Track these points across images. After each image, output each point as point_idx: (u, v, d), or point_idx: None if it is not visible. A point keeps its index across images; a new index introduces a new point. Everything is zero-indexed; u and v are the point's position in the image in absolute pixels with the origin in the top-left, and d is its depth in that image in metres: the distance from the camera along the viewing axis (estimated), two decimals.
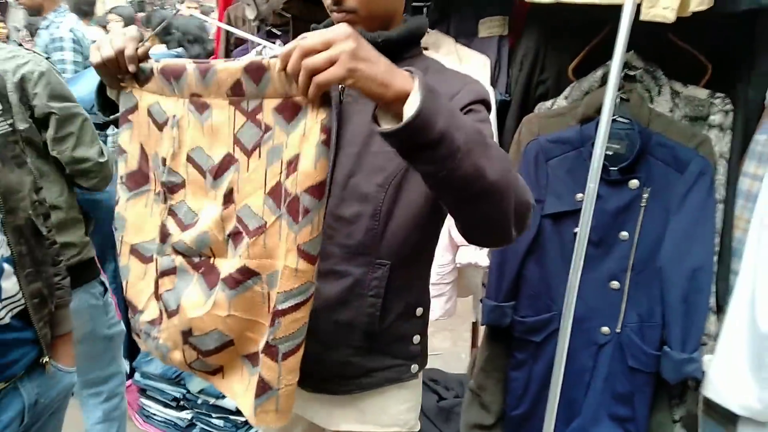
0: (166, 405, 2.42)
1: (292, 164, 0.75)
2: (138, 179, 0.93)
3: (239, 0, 2.15)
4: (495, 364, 1.80)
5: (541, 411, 1.70)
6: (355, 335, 1.04)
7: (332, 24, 1.00)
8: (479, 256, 1.74)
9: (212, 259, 0.87)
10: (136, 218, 0.93)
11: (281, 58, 0.71)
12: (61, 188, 1.64)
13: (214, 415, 2.30)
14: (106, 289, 1.84)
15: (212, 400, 2.28)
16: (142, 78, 0.88)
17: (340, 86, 0.96)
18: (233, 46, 2.24)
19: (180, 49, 2.85)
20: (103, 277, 1.84)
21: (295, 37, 1.14)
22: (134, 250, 0.94)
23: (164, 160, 0.87)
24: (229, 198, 0.83)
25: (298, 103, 0.74)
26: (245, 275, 0.81)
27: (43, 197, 1.23)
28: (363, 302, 1.02)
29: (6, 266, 1.09)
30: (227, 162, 0.82)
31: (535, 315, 1.66)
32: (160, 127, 0.88)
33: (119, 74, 0.90)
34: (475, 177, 0.72)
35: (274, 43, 2.08)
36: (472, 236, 0.87)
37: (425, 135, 0.68)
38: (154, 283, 0.92)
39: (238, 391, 0.89)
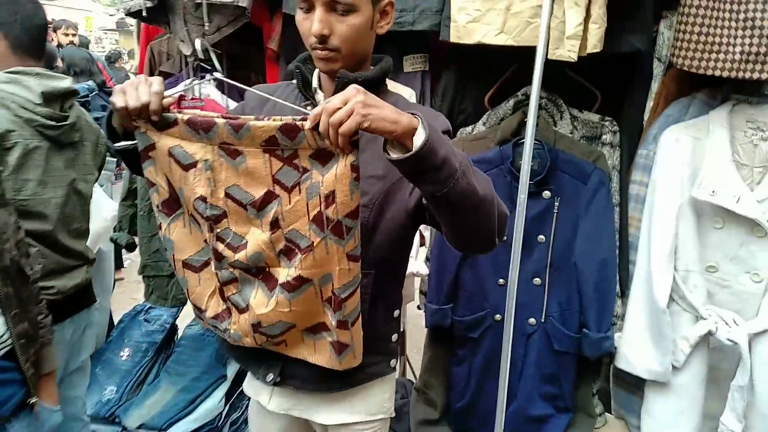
0: None
1: (330, 197, 0.91)
2: (171, 205, 1.04)
3: (165, 35, 2.19)
4: (437, 363, 1.98)
5: (482, 401, 1.91)
6: None
7: (309, 58, 1.13)
8: (420, 266, 1.93)
9: (268, 269, 1.03)
10: (180, 238, 1.07)
11: (311, 119, 0.87)
12: None
13: None
14: None
15: None
16: (161, 124, 0.94)
17: None
18: None
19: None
20: None
21: (229, 72, 1.26)
22: (186, 264, 1.09)
23: (204, 198, 0.98)
24: (275, 225, 0.97)
25: (330, 151, 0.89)
26: (300, 282, 0.99)
27: (23, 236, 1.24)
28: None
29: None
30: (268, 197, 0.96)
31: (471, 314, 1.87)
32: (186, 168, 0.97)
33: (138, 118, 0.94)
34: (470, 193, 0.90)
35: (204, 77, 2.16)
36: (465, 245, 1.05)
37: (432, 159, 0.84)
38: (219, 290, 1.08)
39: (305, 353, 1.12)
